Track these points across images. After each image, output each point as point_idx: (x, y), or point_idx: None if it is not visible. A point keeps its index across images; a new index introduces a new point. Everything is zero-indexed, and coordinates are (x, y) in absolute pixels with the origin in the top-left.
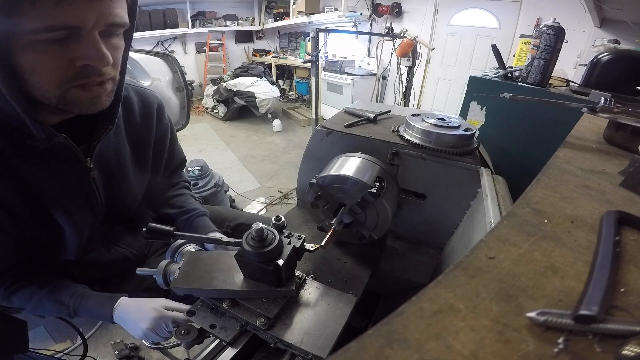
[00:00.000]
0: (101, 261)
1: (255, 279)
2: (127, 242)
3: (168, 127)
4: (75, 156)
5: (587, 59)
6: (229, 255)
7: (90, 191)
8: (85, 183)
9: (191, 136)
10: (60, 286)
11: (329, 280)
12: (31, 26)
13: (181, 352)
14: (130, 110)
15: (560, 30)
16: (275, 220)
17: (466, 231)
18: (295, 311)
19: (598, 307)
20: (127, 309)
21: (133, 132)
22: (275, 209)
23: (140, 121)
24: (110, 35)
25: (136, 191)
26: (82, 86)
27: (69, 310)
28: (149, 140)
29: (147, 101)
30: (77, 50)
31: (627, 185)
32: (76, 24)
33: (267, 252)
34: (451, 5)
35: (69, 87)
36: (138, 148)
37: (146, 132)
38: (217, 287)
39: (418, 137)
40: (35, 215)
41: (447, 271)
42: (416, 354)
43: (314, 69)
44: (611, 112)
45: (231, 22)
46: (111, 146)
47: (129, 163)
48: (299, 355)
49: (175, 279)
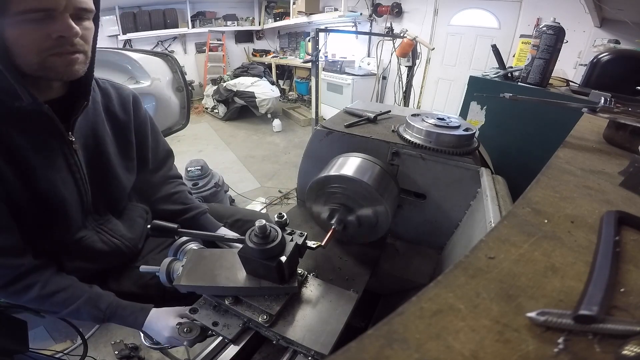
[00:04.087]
0: (94, 250)
1: (258, 276)
2: (120, 234)
3: (147, 117)
4: (57, 128)
5: (587, 59)
6: (232, 252)
7: (73, 163)
8: (69, 155)
9: (191, 136)
10: (97, 294)
11: (330, 278)
12: (18, 9)
13: (181, 352)
14: (108, 99)
15: (560, 30)
16: (278, 218)
17: (466, 231)
18: (297, 308)
19: (598, 307)
20: (154, 319)
21: (112, 117)
22: (275, 209)
23: (118, 108)
24: (81, 18)
25: (122, 177)
26: (58, 54)
27: (104, 317)
28: (128, 126)
29: (123, 93)
30: (52, 26)
31: (627, 185)
32: (51, 6)
33: (270, 248)
34: (451, 5)
35: (47, 55)
36: (118, 133)
37: (124, 117)
38: (220, 284)
39: (418, 137)
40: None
41: (447, 271)
42: (416, 354)
43: (314, 69)
44: (611, 112)
45: (231, 22)
46: (89, 125)
47: (109, 144)
48: (300, 352)
49: (178, 277)
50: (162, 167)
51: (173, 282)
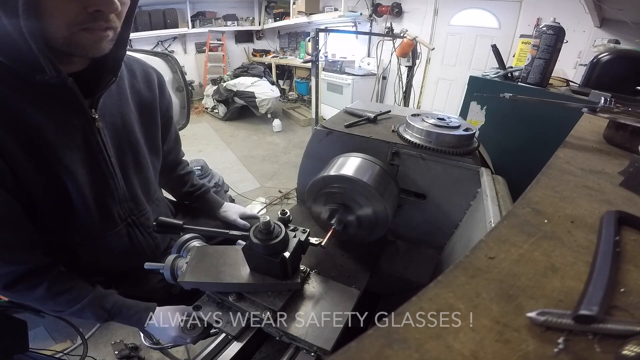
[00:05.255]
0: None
1: (261, 272)
2: (149, 231)
3: (171, 101)
4: (79, 104)
5: (587, 59)
6: (235, 249)
7: (95, 143)
8: (90, 133)
9: (191, 136)
10: (100, 294)
11: (332, 274)
12: None
13: (181, 352)
14: (133, 76)
15: (560, 30)
16: (281, 215)
17: (466, 231)
18: (299, 304)
19: (598, 307)
20: (158, 318)
21: (137, 95)
22: (276, 209)
23: (143, 85)
24: None
25: (150, 161)
26: (88, 29)
27: (108, 317)
28: (153, 106)
29: (148, 71)
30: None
31: (627, 185)
32: None
33: (273, 244)
34: (451, 5)
35: (77, 29)
36: (143, 112)
37: (150, 96)
38: (224, 280)
39: (418, 137)
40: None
41: (447, 271)
42: (416, 354)
43: (314, 69)
44: (611, 112)
45: (231, 22)
46: (115, 103)
47: (135, 123)
48: (303, 348)
49: (182, 273)
50: (171, 152)
51: (177, 279)
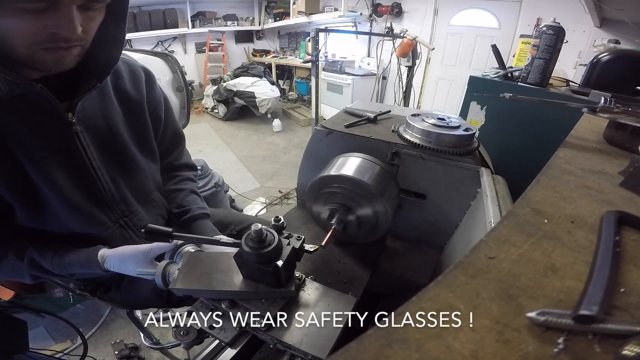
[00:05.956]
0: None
1: (255, 280)
2: None
3: (161, 96)
4: (54, 109)
5: (587, 59)
6: (228, 256)
7: (73, 147)
8: (67, 138)
9: (191, 136)
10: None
11: (328, 281)
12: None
13: (181, 352)
14: (118, 77)
15: (560, 30)
16: (275, 221)
17: (466, 231)
18: (294, 312)
19: (598, 307)
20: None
21: (122, 95)
22: (275, 209)
23: (130, 86)
24: (88, 8)
25: (142, 163)
26: (49, 49)
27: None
28: (141, 106)
29: (136, 70)
30: (51, 19)
31: (627, 185)
32: None
33: (266, 253)
34: (451, 5)
35: (37, 49)
36: (130, 112)
37: (137, 96)
38: (217, 287)
39: (418, 137)
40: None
41: (447, 271)
42: (416, 354)
43: (314, 69)
44: (611, 112)
45: (231, 22)
46: (97, 106)
47: (121, 126)
48: (298, 356)
49: (174, 280)
50: (167, 155)
51: (169, 286)
